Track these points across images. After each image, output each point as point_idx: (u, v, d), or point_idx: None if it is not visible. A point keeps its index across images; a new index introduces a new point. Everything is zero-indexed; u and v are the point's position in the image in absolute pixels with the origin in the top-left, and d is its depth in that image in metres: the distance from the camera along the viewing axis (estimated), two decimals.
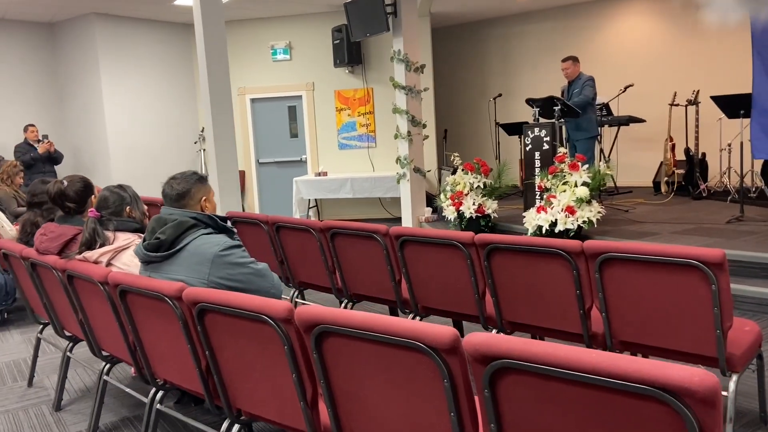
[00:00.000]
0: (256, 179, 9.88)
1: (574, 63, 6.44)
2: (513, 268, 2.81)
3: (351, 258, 3.48)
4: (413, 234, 3.10)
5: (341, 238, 3.46)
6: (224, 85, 5.42)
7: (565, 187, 5.36)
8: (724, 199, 6.91)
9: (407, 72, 7.71)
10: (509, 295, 2.89)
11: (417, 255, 3.15)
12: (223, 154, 5.42)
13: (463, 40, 10.73)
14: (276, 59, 9.55)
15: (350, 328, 1.59)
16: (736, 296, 4.17)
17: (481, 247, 2.87)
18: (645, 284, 2.44)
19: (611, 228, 5.80)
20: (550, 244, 2.64)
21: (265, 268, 2.33)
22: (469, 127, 10.73)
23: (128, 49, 8.82)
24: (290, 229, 3.72)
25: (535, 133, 6.12)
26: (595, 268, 2.54)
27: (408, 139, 7.84)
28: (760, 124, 4.27)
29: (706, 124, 7.70)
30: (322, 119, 9.64)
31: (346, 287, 3.60)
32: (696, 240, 5.02)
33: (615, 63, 9.06)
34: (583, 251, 2.57)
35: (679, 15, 8.66)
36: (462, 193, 6.40)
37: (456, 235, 2.94)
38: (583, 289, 2.63)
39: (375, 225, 3.27)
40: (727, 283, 2.27)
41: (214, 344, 2.01)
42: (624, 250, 2.44)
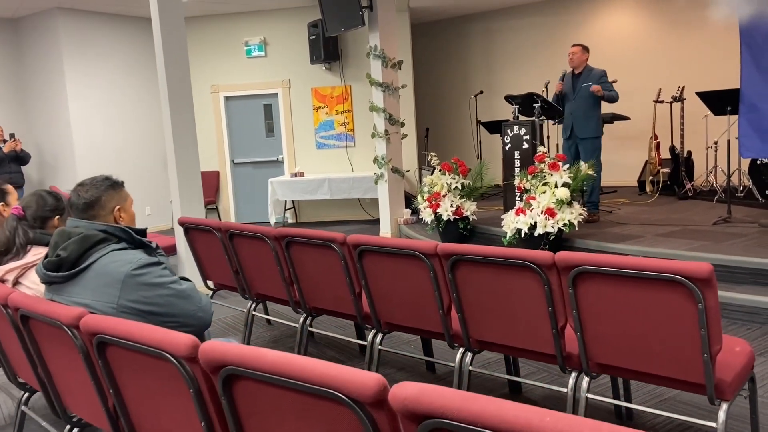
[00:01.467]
0: (231, 180, 9.56)
1: (583, 51, 5.97)
2: (479, 281, 2.54)
3: (308, 269, 3.19)
4: (372, 243, 2.81)
5: (297, 247, 3.17)
6: (183, 81, 5.10)
7: (545, 188, 5.10)
8: (710, 198, 6.69)
9: (384, 68, 7.43)
10: (476, 311, 2.61)
11: (377, 266, 2.87)
12: (183, 155, 5.10)
13: (445, 36, 10.45)
14: (251, 56, 9.23)
15: (261, 371, 1.30)
16: (724, 304, 3.94)
17: (444, 258, 2.59)
18: (623, 301, 2.18)
19: (594, 230, 5.55)
20: (519, 256, 2.36)
21: (191, 288, 2.03)
22: (451, 125, 10.47)
23: (93, 45, 8.47)
24: (244, 237, 3.42)
25: (514, 132, 5.86)
26: (569, 282, 2.27)
27: (385, 138, 7.56)
28: (749, 120, 4.03)
29: (692, 121, 7.49)
30: (298, 118, 9.33)
31: (304, 300, 3.32)
32: (681, 243, 4.78)
33: (599, 59, 8.79)
34: (554, 264, 2.30)
35: (663, 10, 8.44)
36: (439, 195, 6.13)
37: (417, 245, 2.66)
38: (556, 306, 2.36)
39: (332, 233, 2.99)
40: (715, 302, 2.01)
41: (119, 381, 1.71)
42: (599, 263, 2.17)
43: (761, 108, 3.95)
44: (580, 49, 5.93)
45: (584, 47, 5.98)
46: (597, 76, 5.85)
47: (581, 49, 5.93)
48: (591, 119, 5.87)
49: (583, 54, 5.92)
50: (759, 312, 3.83)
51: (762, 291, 3.97)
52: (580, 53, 5.91)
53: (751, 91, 3.99)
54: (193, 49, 9.28)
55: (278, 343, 4.00)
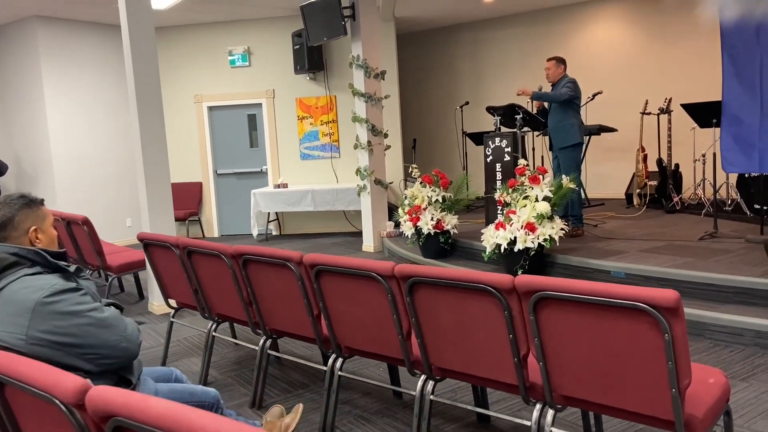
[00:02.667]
0: (214, 191, 9.39)
1: (557, 64, 5.78)
2: (439, 305, 2.38)
3: (266, 289, 3.03)
4: (329, 263, 2.65)
5: (254, 266, 3.01)
6: (153, 90, 4.95)
7: (526, 202, 4.96)
8: (698, 212, 6.55)
9: (366, 78, 7.31)
10: (437, 337, 2.45)
11: (335, 287, 2.71)
12: (153, 167, 4.94)
13: (432, 46, 10.35)
14: (234, 65, 9.09)
15: (147, 424, 1.13)
16: (707, 324, 3.79)
17: (402, 280, 2.43)
18: (587, 330, 2.02)
19: (577, 245, 5.40)
20: (477, 279, 2.21)
21: (114, 317, 1.87)
22: (438, 136, 10.34)
23: (73, 54, 8.32)
24: (202, 255, 3.26)
25: (495, 144, 5.73)
26: (529, 308, 2.11)
27: (368, 149, 7.42)
28: (731, 134, 3.90)
29: (680, 133, 7.37)
30: (283, 128, 9.19)
31: (263, 322, 3.15)
32: (665, 260, 4.63)
33: (586, 69, 8.71)
34: (515, 288, 2.14)
35: (650, 21, 8.35)
36: (420, 208, 5.98)
37: (374, 266, 2.50)
38: (517, 333, 2.20)
39: (288, 252, 2.83)
40: (682, 332, 1.85)
41: (20, 422, 1.54)
42: (560, 288, 2.02)
43: (744, 120, 3.82)
44: (554, 63, 5.79)
45: (558, 60, 5.82)
46: (563, 83, 5.67)
47: (555, 63, 5.79)
48: (564, 128, 5.71)
49: (557, 67, 5.78)
50: (742, 333, 3.68)
51: (746, 311, 3.82)
52: (554, 67, 5.78)
53: (734, 103, 3.86)
54: (176, 59, 9.16)
55: (242, 365, 3.82)
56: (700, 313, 3.86)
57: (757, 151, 3.75)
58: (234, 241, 8.80)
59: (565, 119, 5.67)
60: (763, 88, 3.66)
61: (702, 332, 3.84)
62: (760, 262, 4.29)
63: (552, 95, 5.65)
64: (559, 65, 5.81)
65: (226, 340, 4.16)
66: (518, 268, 4.94)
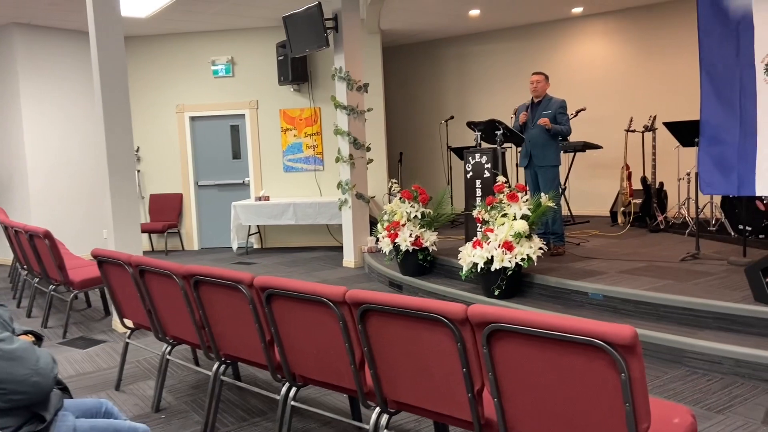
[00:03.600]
0: (195, 203, 9.23)
1: (546, 80, 5.79)
2: (392, 334, 2.24)
3: (219, 311, 2.87)
4: (279, 287, 2.50)
5: (206, 288, 2.86)
6: (121, 100, 4.80)
7: (504, 220, 4.83)
8: (682, 232, 6.44)
9: (349, 91, 7.20)
10: (390, 368, 2.31)
11: (287, 312, 2.56)
12: (119, 179, 4.79)
13: (418, 59, 10.27)
14: (218, 75, 8.98)
15: None
16: (684, 351, 3.66)
17: (354, 306, 2.29)
18: (542, 366, 1.88)
19: (556, 265, 5.27)
20: (429, 308, 2.07)
21: (23, 348, 1.71)
22: (424, 150, 10.23)
23: (51, 61, 8.18)
24: (154, 274, 3.10)
25: (476, 159, 5.60)
26: (483, 340, 1.97)
27: (350, 162, 7.29)
28: (709, 154, 3.79)
29: (664, 151, 7.29)
30: (266, 140, 9.06)
31: (216, 346, 2.99)
32: (644, 282, 4.50)
33: (571, 85, 8.65)
34: (467, 319, 2.00)
35: (636, 38, 8.29)
36: (398, 224, 5.84)
37: (325, 291, 2.36)
38: (471, 367, 2.06)
39: (239, 274, 2.68)
40: (641, 372, 1.71)
41: None
42: (514, 320, 1.88)
43: (723, 141, 3.71)
44: (543, 78, 5.72)
45: (546, 75, 5.77)
46: (556, 106, 5.62)
47: (544, 78, 5.74)
48: (549, 147, 5.64)
49: (546, 83, 5.73)
50: (721, 361, 3.54)
51: (725, 337, 3.69)
52: (544, 82, 5.71)
53: (712, 123, 3.75)
54: (158, 68, 9.04)
55: (200, 389, 3.65)
56: (677, 339, 3.72)
57: (736, 173, 3.64)
58: (214, 254, 8.64)
59: (551, 138, 5.63)
60: (743, 107, 3.56)
61: (679, 359, 3.70)
62: (741, 286, 4.17)
63: (565, 131, 5.61)
64: (547, 81, 5.77)
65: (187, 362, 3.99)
66: (495, 288, 4.80)
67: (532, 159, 5.73)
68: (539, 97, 5.71)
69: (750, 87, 3.50)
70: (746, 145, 3.56)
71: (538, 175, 5.71)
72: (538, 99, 5.73)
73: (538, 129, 5.63)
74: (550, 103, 5.64)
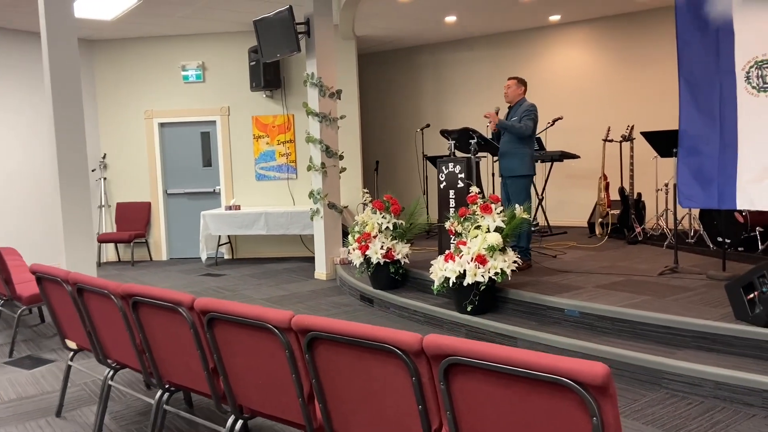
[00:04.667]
0: (164, 212, 8.93)
1: (519, 84, 5.46)
2: (342, 365, 2.01)
3: (159, 335, 2.63)
4: (221, 310, 2.27)
5: (146, 309, 2.61)
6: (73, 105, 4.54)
7: (477, 232, 4.63)
8: (660, 244, 6.31)
9: (321, 97, 6.98)
10: (341, 402, 2.08)
11: (230, 338, 2.32)
12: (71, 188, 4.51)
13: (395, 66, 10.09)
14: (188, 81, 8.71)
15: None
16: (663, 373, 3.47)
17: (301, 333, 2.06)
18: (505, 405, 1.67)
19: (532, 279, 5.09)
20: (380, 337, 1.85)
21: None
22: (401, 158, 10.04)
23: (12, 65, 7.85)
24: (92, 293, 2.84)
25: (449, 169, 5.42)
26: (440, 375, 1.75)
27: (322, 171, 7.07)
28: (688, 166, 3.63)
29: (642, 161, 7.18)
30: (238, 147, 8.80)
31: (158, 373, 2.74)
32: (621, 297, 4.33)
33: (548, 94, 8.53)
34: (423, 350, 1.78)
35: (614, 47, 8.20)
36: (369, 235, 5.62)
37: (269, 316, 2.13)
38: (428, 404, 1.84)
39: (180, 295, 2.43)
40: (614, 416, 1.50)
41: None
42: (473, 354, 1.67)
43: (702, 151, 3.55)
44: (515, 83, 5.48)
45: (519, 80, 5.51)
46: (523, 109, 5.35)
47: (516, 83, 5.48)
48: (516, 156, 5.39)
49: (518, 87, 5.48)
50: (701, 383, 3.37)
51: (705, 357, 3.52)
52: (515, 86, 5.47)
53: (691, 133, 3.59)
54: (125, 72, 8.75)
55: (148, 416, 3.38)
56: (656, 360, 3.54)
57: (716, 185, 3.49)
58: (183, 265, 8.34)
59: (518, 147, 5.36)
60: (723, 116, 3.40)
61: (658, 380, 3.52)
62: (721, 302, 4.01)
63: (518, 128, 5.29)
64: (520, 86, 5.52)
65: (137, 386, 3.72)
66: (468, 304, 4.60)
67: (501, 170, 5.54)
68: (512, 102, 5.52)
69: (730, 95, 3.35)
70: (726, 156, 3.41)
71: (507, 186, 5.52)
72: (512, 105, 5.54)
73: (506, 137, 5.44)
74: (519, 108, 5.41)
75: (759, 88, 3.24)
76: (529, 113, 5.30)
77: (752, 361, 3.43)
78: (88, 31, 8.16)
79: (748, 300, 3.59)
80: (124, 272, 8.00)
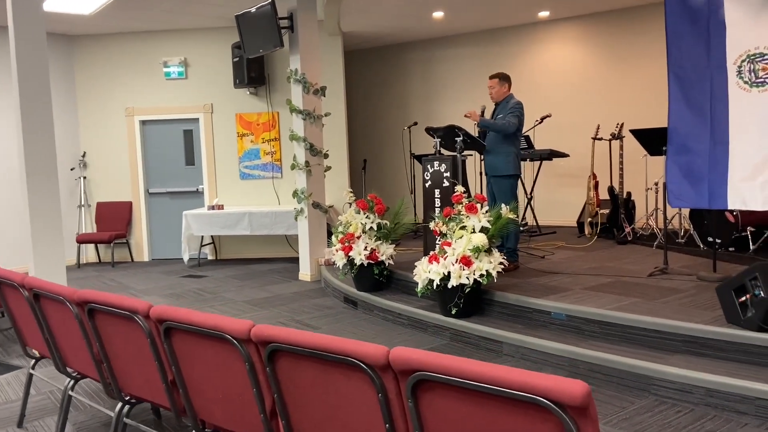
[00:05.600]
0: (146, 212, 8.73)
1: (501, 82, 5.31)
2: (305, 379, 1.86)
3: (117, 345, 2.46)
4: (178, 319, 2.11)
5: (102, 317, 2.45)
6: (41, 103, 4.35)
7: (463, 233, 4.49)
8: (650, 244, 6.19)
9: (305, 94, 6.81)
10: (306, 418, 1.93)
11: (189, 349, 2.16)
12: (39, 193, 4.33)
13: (383, 64, 9.94)
14: (170, 77, 8.51)
15: None
16: (653, 379, 3.34)
17: (261, 345, 1.91)
18: (478, 425, 1.52)
19: (519, 280, 4.95)
20: (344, 350, 1.70)
21: None
22: (389, 157, 9.89)
23: None
24: (48, 299, 2.67)
25: (435, 168, 5.27)
26: (407, 392, 1.61)
27: (306, 169, 6.90)
28: (677, 164, 3.49)
29: (632, 160, 7.06)
30: (221, 145, 8.62)
31: (116, 385, 2.57)
32: (609, 300, 4.20)
33: (538, 91, 8.41)
34: (389, 365, 1.63)
35: (604, 43, 8.08)
36: (353, 236, 5.47)
37: (227, 326, 1.97)
38: (395, 422, 1.69)
39: (135, 301, 2.27)
40: None
41: None
42: (443, 369, 1.52)
43: (692, 149, 3.42)
44: (497, 81, 5.33)
45: (502, 77, 5.34)
46: (508, 106, 5.22)
47: (498, 81, 5.32)
48: (500, 155, 5.25)
49: (501, 85, 5.33)
50: (691, 390, 3.24)
51: (696, 363, 3.39)
52: (497, 85, 5.32)
53: (681, 130, 3.45)
54: (106, 69, 8.54)
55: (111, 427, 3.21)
56: (645, 365, 3.41)
57: (706, 184, 3.35)
58: (165, 266, 8.15)
59: (503, 146, 5.22)
60: (713, 113, 3.27)
61: (647, 387, 3.39)
62: (712, 305, 3.89)
63: (500, 126, 5.15)
64: (504, 83, 5.37)
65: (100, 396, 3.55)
66: (452, 307, 4.46)
67: (486, 169, 5.41)
68: (497, 101, 5.38)
69: (721, 91, 3.21)
70: (717, 154, 3.27)
71: (492, 185, 5.38)
72: (497, 103, 5.41)
73: (491, 136, 5.31)
74: (506, 106, 5.27)
75: (751, 83, 3.11)
76: (515, 110, 5.16)
77: (744, 366, 3.31)
78: (66, 26, 7.96)
79: (739, 303, 3.46)
80: (104, 273, 7.81)
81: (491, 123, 5.21)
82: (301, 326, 5.08)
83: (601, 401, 3.33)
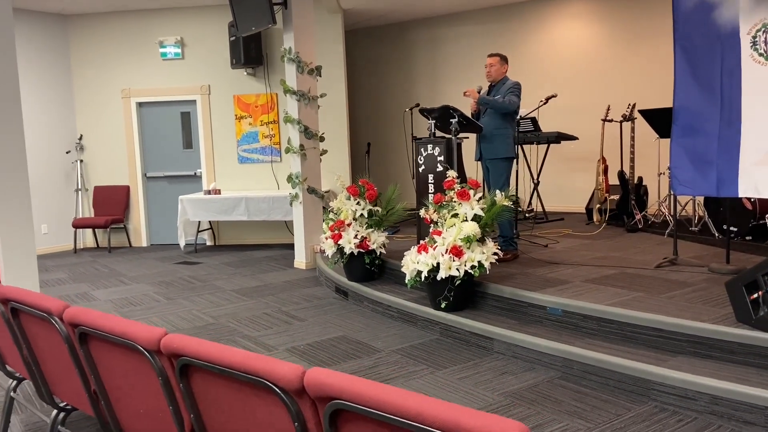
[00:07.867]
0: (143, 196, 8.54)
1: (501, 62, 5.05)
2: (220, 398, 1.60)
3: (44, 348, 2.22)
4: (90, 324, 1.86)
5: (25, 317, 2.21)
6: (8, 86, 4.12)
7: (454, 221, 4.19)
8: (661, 232, 5.83)
9: (299, 74, 6.51)
10: None
11: (106, 357, 1.91)
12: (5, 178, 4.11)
13: (387, 43, 9.57)
14: (166, 58, 8.26)
15: None
16: (653, 383, 3.04)
17: (173, 357, 1.65)
18: None
19: (516, 271, 4.65)
20: (254, 369, 1.43)
21: None
22: (393, 140, 9.56)
23: None
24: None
25: (428, 151, 4.96)
26: (325, 424, 1.33)
27: (300, 153, 6.63)
28: (683, 146, 3.14)
29: (644, 143, 6.65)
30: (219, 128, 8.37)
31: (47, 390, 2.34)
32: (611, 294, 3.88)
33: (547, 71, 8.00)
34: (304, 389, 1.36)
35: (616, 21, 7.62)
36: (343, 223, 5.20)
37: (136, 333, 1.71)
38: None
39: (51, 301, 2.02)
40: None
41: None
42: (361, 400, 1.24)
43: (700, 130, 3.06)
44: (498, 60, 5.01)
45: (502, 57, 5.05)
46: (506, 87, 4.92)
47: (499, 60, 5.01)
48: (497, 137, 4.94)
49: (501, 65, 5.01)
50: (695, 397, 2.92)
51: (701, 366, 3.08)
52: (498, 64, 5.00)
53: (688, 109, 3.09)
54: (100, 49, 8.32)
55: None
56: (645, 368, 3.10)
57: (714, 169, 3.00)
58: (162, 252, 7.98)
59: (500, 127, 4.91)
60: (724, 89, 2.91)
61: (647, 392, 3.09)
62: (722, 301, 3.55)
63: (502, 104, 4.85)
64: (504, 64, 5.06)
65: None
66: (442, 300, 4.17)
67: (482, 152, 5.08)
68: (495, 81, 5.05)
69: (733, 64, 2.85)
70: (728, 136, 2.92)
71: (488, 169, 5.05)
72: (494, 83, 5.07)
73: (488, 117, 4.97)
74: (503, 86, 4.95)
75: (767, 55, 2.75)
76: (515, 90, 4.85)
77: (755, 371, 2.99)
78: (60, 4, 7.74)
79: (751, 300, 3.12)
80: (98, 259, 7.65)
81: (492, 100, 4.89)
82: (286, 317, 4.84)
83: (594, 407, 3.04)
